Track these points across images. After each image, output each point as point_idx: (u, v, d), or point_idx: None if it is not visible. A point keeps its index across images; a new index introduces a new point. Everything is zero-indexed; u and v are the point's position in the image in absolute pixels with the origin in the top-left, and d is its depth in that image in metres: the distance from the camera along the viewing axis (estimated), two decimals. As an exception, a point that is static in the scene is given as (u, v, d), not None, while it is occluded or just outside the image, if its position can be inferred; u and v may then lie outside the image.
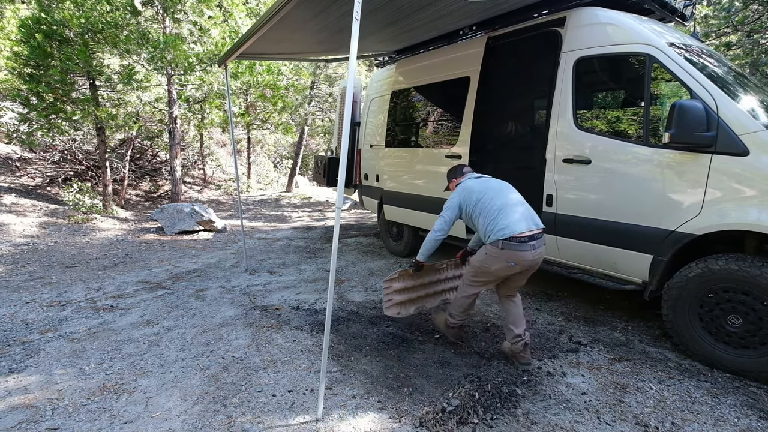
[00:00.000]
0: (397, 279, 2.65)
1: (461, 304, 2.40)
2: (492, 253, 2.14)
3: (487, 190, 2.27)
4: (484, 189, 2.27)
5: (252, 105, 10.48)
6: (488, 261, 2.17)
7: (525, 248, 2.11)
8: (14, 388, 2.12)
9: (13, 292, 3.57)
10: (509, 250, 2.10)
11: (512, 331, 2.30)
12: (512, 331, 2.30)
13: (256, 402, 2.00)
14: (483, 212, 2.20)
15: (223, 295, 3.55)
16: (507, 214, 2.15)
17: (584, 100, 3.08)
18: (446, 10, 3.26)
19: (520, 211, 2.20)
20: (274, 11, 2.59)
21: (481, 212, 2.21)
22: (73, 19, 6.03)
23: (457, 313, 2.43)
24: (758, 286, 2.09)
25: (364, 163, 5.30)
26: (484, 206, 2.20)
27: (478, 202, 2.23)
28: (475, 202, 2.24)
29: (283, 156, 15.86)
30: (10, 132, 7.51)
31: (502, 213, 2.15)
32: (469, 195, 2.28)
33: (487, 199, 2.22)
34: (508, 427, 1.83)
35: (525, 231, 2.11)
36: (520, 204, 2.24)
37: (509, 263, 2.12)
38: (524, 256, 2.11)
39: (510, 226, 2.11)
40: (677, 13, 3.28)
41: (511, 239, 2.09)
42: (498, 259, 2.13)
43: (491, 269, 2.18)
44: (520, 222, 2.14)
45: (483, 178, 2.40)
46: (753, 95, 2.57)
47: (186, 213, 6.34)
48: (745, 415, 1.92)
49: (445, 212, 2.35)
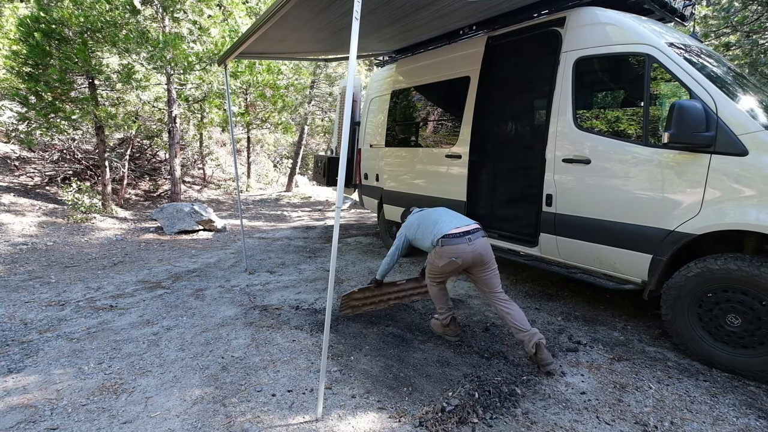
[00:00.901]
0: (357, 292, 2.99)
1: (435, 298, 2.70)
2: (437, 252, 2.49)
3: (422, 217, 2.73)
4: (420, 217, 2.74)
5: (252, 104, 10.47)
6: (436, 260, 2.52)
7: (461, 242, 2.41)
8: (13, 388, 2.11)
9: (11, 291, 3.56)
10: (448, 246, 2.42)
11: (520, 330, 2.31)
12: (520, 332, 2.31)
13: (256, 402, 2.00)
14: (425, 231, 2.61)
15: (222, 295, 3.54)
16: (440, 221, 2.59)
17: (584, 99, 3.09)
18: (446, 10, 3.26)
19: (449, 217, 2.62)
20: (274, 10, 2.59)
21: (423, 231, 2.62)
22: (72, 18, 6.02)
23: (439, 308, 2.69)
24: (757, 286, 2.09)
25: (364, 163, 5.30)
26: (424, 227, 2.64)
27: (419, 228, 2.67)
28: (416, 228, 2.69)
29: (282, 155, 15.85)
30: (9, 131, 7.50)
31: (437, 223, 2.58)
32: (410, 226, 2.76)
33: (424, 221, 2.68)
34: (507, 426, 1.84)
35: (452, 229, 2.45)
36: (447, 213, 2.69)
37: (450, 258, 2.42)
38: (462, 249, 2.40)
39: (443, 228, 2.50)
40: (677, 13, 3.29)
41: (446, 237, 2.43)
42: (441, 256, 2.46)
43: (439, 266, 2.51)
44: (450, 223, 2.54)
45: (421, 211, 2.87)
46: (752, 95, 2.57)
47: (185, 212, 6.33)
48: (744, 415, 1.92)
49: (396, 241, 2.82)
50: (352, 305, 2.98)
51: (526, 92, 4.47)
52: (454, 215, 2.66)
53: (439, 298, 2.68)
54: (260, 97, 9.70)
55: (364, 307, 3.03)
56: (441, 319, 2.69)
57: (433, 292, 2.70)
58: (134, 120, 7.76)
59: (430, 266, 2.66)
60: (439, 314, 2.70)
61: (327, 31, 3.55)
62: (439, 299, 2.68)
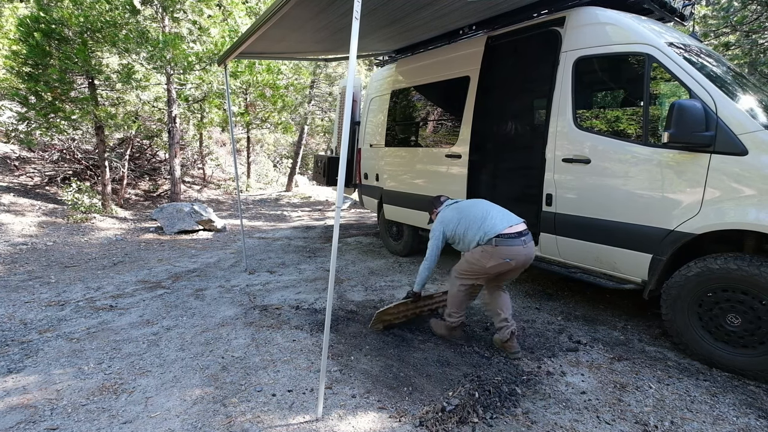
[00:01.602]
0: (391, 308, 2.74)
1: (456, 300, 2.49)
2: (487, 251, 2.28)
3: (462, 209, 2.48)
4: (459, 210, 2.48)
5: (251, 104, 10.47)
6: (483, 258, 2.30)
7: (517, 243, 2.27)
8: (13, 388, 2.11)
9: (11, 291, 3.56)
10: (503, 246, 2.25)
11: (499, 315, 2.39)
12: (499, 315, 2.39)
13: (256, 402, 2.00)
14: (470, 227, 2.37)
15: (222, 295, 3.54)
16: (488, 217, 2.37)
17: (584, 99, 3.09)
18: (446, 10, 3.26)
19: (498, 213, 2.41)
20: (273, 10, 2.59)
21: (468, 227, 2.38)
22: (72, 18, 6.01)
23: (454, 310, 2.50)
24: (757, 286, 2.09)
25: (364, 163, 5.30)
26: (467, 222, 2.39)
27: (459, 223, 2.42)
28: (455, 224, 2.43)
29: (282, 155, 15.85)
30: (9, 131, 7.49)
31: (485, 219, 2.36)
32: (448, 222, 2.48)
33: (467, 215, 2.42)
34: (507, 426, 1.84)
35: (507, 228, 2.29)
36: (492, 207, 2.47)
37: (504, 259, 2.26)
38: (518, 251, 2.26)
39: (496, 225, 2.31)
40: (676, 13, 3.29)
41: (502, 236, 2.25)
42: (493, 256, 2.26)
43: (486, 266, 2.30)
44: (502, 220, 2.35)
45: (456, 203, 2.62)
46: (752, 95, 2.57)
47: (185, 212, 6.33)
48: (744, 414, 1.92)
49: (431, 242, 2.51)
50: (384, 320, 2.74)
51: (525, 92, 4.48)
52: (500, 210, 2.45)
53: (461, 301, 2.48)
54: (260, 97, 9.70)
55: (396, 321, 2.81)
56: (450, 322, 2.53)
57: (456, 294, 2.47)
58: (134, 120, 7.76)
59: (467, 265, 2.39)
60: (450, 316, 2.53)
61: (327, 31, 3.55)
62: (460, 302, 2.48)
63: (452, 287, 2.51)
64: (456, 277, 2.49)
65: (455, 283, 2.49)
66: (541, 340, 2.67)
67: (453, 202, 2.62)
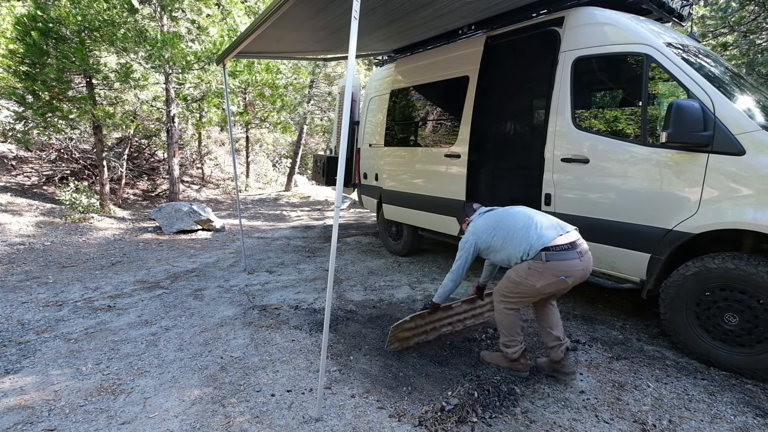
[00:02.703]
0: (409, 321, 2.48)
1: (508, 325, 2.14)
2: (536, 268, 1.93)
3: (499, 217, 2.15)
4: (495, 218, 2.16)
5: (250, 104, 10.45)
6: (532, 276, 1.95)
7: (572, 256, 1.92)
8: (10, 389, 2.11)
9: (9, 292, 3.54)
10: (556, 261, 1.90)
11: (550, 333, 2.12)
12: (550, 333, 2.12)
13: (255, 402, 2.00)
14: (507, 237, 2.05)
15: (221, 295, 3.54)
16: (532, 226, 2.01)
17: (582, 99, 3.09)
18: (445, 10, 3.26)
19: (543, 220, 2.05)
20: (272, 9, 2.58)
21: (508, 239, 2.04)
22: (70, 17, 5.99)
23: (509, 339, 2.15)
24: (754, 285, 2.10)
25: (363, 162, 5.30)
26: (505, 231, 2.07)
27: (495, 233, 2.09)
28: (491, 234, 2.11)
29: (281, 155, 15.82)
30: (6, 130, 7.46)
31: (529, 228, 2.00)
32: (482, 231, 2.16)
33: (505, 224, 2.09)
34: (506, 425, 1.84)
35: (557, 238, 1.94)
36: (537, 214, 2.11)
37: (559, 277, 1.91)
38: (574, 265, 1.92)
39: (543, 236, 1.94)
40: (674, 13, 3.30)
41: (552, 249, 1.91)
42: (544, 275, 1.92)
43: (536, 286, 1.94)
44: (550, 229, 1.98)
45: (491, 210, 2.28)
46: (749, 95, 2.58)
47: (184, 212, 6.32)
48: (742, 413, 1.93)
49: (460, 254, 2.22)
50: (401, 337, 2.48)
51: (524, 92, 4.49)
52: (546, 217, 2.10)
53: (512, 327, 2.13)
54: (259, 97, 9.68)
55: (414, 338, 2.54)
56: (510, 353, 2.16)
57: (505, 319, 2.12)
58: (132, 119, 7.74)
59: (512, 285, 2.05)
60: (507, 346, 2.16)
61: (326, 31, 3.54)
62: (512, 328, 2.13)
63: (498, 313, 2.16)
64: (500, 300, 2.13)
65: (499, 307, 2.14)
66: (540, 340, 2.68)
67: (487, 210, 2.29)
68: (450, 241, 4.15)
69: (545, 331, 2.18)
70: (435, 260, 4.72)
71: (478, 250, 2.18)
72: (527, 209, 2.17)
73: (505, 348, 2.19)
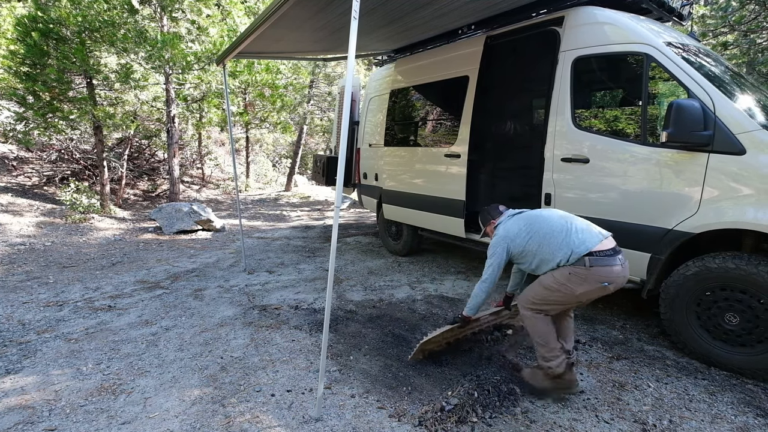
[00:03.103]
0: (437, 336, 2.33)
1: (542, 336, 1.95)
2: (578, 274, 1.82)
3: (533, 220, 2.02)
4: (529, 221, 2.03)
5: (250, 104, 10.46)
6: (573, 282, 1.83)
7: (615, 262, 1.83)
8: (11, 389, 2.11)
9: (9, 292, 3.55)
10: (599, 266, 1.80)
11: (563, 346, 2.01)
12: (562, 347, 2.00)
13: (255, 402, 2.00)
14: (544, 242, 1.92)
15: (221, 295, 3.54)
16: (572, 230, 1.90)
17: (582, 99, 3.09)
18: (445, 9, 3.26)
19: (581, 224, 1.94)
20: (272, 9, 2.58)
21: (540, 243, 1.93)
22: (70, 18, 6.00)
23: (548, 351, 1.94)
24: (755, 285, 2.10)
25: (363, 162, 5.30)
26: (540, 236, 1.94)
27: (531, 237, 1.96)
28: (526, 238, 1.97)
29: (281, 155, 15.83)
30: (7, 131, 7.47)
31: (569, 232, 1.89)
32: (515, 235, 2.02)
33: (540, 228, 1.96)
34: (507, 425, 1.84)
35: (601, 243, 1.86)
36: (574, 219, 1.99)
37: (602, 284, 1.81)
38: (617, 272, 1.83)
39: (585, 240, 1.85)
40: (674, 12, 3.29)
41: (595, 255, 1.81)
42: (587, 280, 1.81)
43: (576, 292, 1.84)
44: (591, 234, 1.89)
45: (522, 213, 2.15)
46: (750, 94, 2.58)
47: (184, 212, 6.32)
48: (742, 413, 1.93)
49: (491, 260, 2.06)
50: (426, 349, 2.38)
51: (524, 92, 4.49)
52: (584, 222, 1.98)
53: (548, 336, 1.94)
54: (259, 97, 9.69)
55: (437, 348, 2.44)
56: (551, 367, 1.93)
57: (539, 329, 1.95)
58: (132, 120, 7.75)
59: (547, 292, 1.91)
60: (547, 360, 1.94)
61: (326, 31, 3.54)
62: (548, 337, 1.94)
63: (530, 323, 1.98)
64: (529, 307, 1.98)
65: (530, 316, 1.97)
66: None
67: (517, 212, 2.15)
68: (450, 241, 4.16)
69: None
70: (435, 260, 4.72)
71: (510, 255, 2.04)
72: (561, 212, 2.05)
73: (545, 362, 1.94)
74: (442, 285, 3.85)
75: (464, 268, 4.40)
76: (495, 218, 2.23)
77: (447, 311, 3.18)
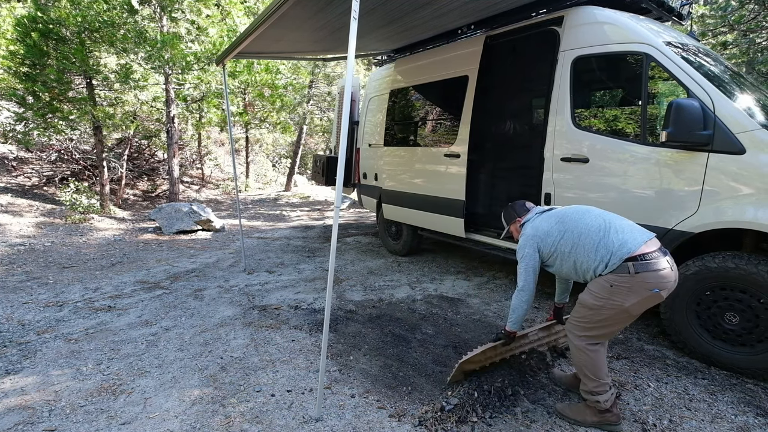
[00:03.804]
0: (479, 354, 2.06)
1: (594, 368, 1.70)
2: (622, 284, 1.56)
3: (565, 218, 1.79)
4: (560, 219, 1.80)
5: (250, 104, 10.46)
6: (618, 293, 1.57)
7: (663, 265, 1.58)
8: (11, 389, 2.11)
9: (9, 292, 3.55)
10: (647, 272, 1.55)
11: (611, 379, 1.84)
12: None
13: (255, 402, 1.99)
14: (578, 243, 1.68)
15: (221, 295, 3.54)
16: (612, 230, 1.65)
17: (582, 98, 3.09)
18: (444, 9, 3.26)
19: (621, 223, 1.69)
20: (272, 10, 2.58)
21: (574, 244, 1.70)
22: (70, 18, 6.00)
23: (597, 385, 1.72)
24: (755, 284, 2.10)
25: (363, 162, 5.30)
26: (574, 236, 1.70)
27: (563, 236, 1.73)
28: (558, 237, 1.75)
29: (281, 155, 15.83)
30: (6, 131, 7.47)
31: (608, 232, 1.64)
32: (545, 235, 1.80)
33: (574, 227, 1.73)
34: (507, 425, 1.84)
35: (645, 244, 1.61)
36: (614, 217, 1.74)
37: (652, 291, 1.55)
38: (667, 276, 1.58)
39: (627, 242, 1.59)
40: (674, 12, 3.30)
41: (639, 258, 1.56)
42: (634, 290, 1.55)
43: (625, 305, 1.57)
44: (634, 234, 1.63)
45: (552, 209, 1.92)
46: (749, 94, 2.58)
47: (184, 212, 6.32)
48: (743, 412, 1.93)
49: (522, 264, 1.85)
50: (467, 369, 2.11)
51: (524, 91, 4.48)
52: (623, 220, 1.73)
53: (599, 367, 1.70)
54: (259, 97, 9.69)
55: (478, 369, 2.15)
56: (599, 401, 1.72)
57: (588, 359, 1.69)
58: (132, 120, 7.75)
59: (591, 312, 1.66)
60: (594, 394, 1.72)
61: (325, 31, 3.54)
62: (599, 368, 1.70)
63: (578, 353, 1.72)
64: (579, 335, 1.72)
65: (579, 344, 1.71)
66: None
67: (546, 210, 1.92)
68: (450, 240, 4.15)
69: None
70: (435, 260, 4.72)
71: (542, 257, 1.82)
72: (597, 209, 1.80)
73: (591, 396, 1.72)
74: (442, 285, 3.85)
75: (464, 268, 4.40)
76: (521, 216, 1.99)
77: (447, 311, 3.18)
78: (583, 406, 1.81)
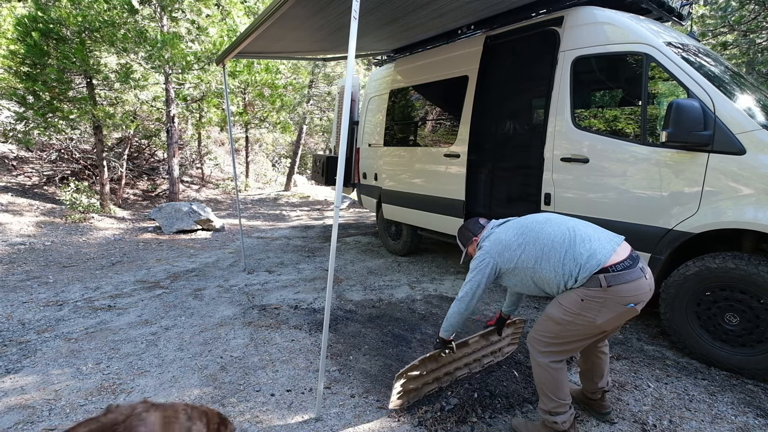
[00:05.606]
0: (417, 367, 1.91)
1: (554, 388, 1.57)
2: (594, 298, 1.43)
3: (526, 228, 1.63)
4: (521, 230, 1.64)
5: (250, 104, 10.46)
6: (589, 310, 1.44)
7: (636, 275, 1.44)
8: (11, 388, 2.11)
9: (9, 292, 3.55)
10: (619, 285, 1.41)
11: (594, 383, 1.78)
12: (594, 384, 1.78)
13: (255, 401, 2.00)
14: (543, 254, 1.53)
15: (221, 295, 3.54)
16: (578, 239, 1.50)
17: (582, 99, 3.09)
18: (444, 9, 3.26)
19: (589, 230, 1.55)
20: (272, 9, 2.58)
21: (538, 256, 1.54)
22: (70, 18, 6.00)
23: (556, 405, 1.58)
24: (755, 285, 2.10)
25: (363, 162, 5.30)
26: (537, 247, 1.55)
27: (524, 248, 1.58)
28: (519, 251, 1.59)
29: (281, 155, 15.83)
30: (7, 131, 7.47)
31: (574, 242, 1.50)
32: (504, 247, 1.64)
33: (536, 237, 1.58)
34: (507, 425, 1.84)
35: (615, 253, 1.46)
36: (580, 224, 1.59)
37: (627, 305, 1.43)
38: (641, 286, 1.45)
39: (597, 253, 1.45)
40: (674, 12, 3.30)
41: (611, 270, 1.43)
42: (607, 305, 1.43)
43: (596, 322, 1.45)
44: (602, 242, 1.49)
45: (510, 220, 1.78)
46: (749, 94, 2.58)
47: (184, 212, 6.32)
48: (743, 413, 1.93)
49: (471, 275, 1.69)
50: (409, 389, 1.92)
51: (524, 91, 4.48)
52: (589, 227, 1.58)
53: (560, 386, 1.57)
54: (258, 97, 9.69)
55: (425, 387, 2.00)
56: (560, 423, 1.58)
57: (549, 377, 1.57)
58: (132, 119, 7.75)
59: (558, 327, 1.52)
60: (552, 414, 1.59)
61: (325, 31, 3.54)
62: (560, 388, 1.58)
63: (540, 370, 1.59)
64: (541, 351, 1.58)
65: (542, 361, 1.57)
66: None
67: (504, 221, 1.78)
68: (450, 240, 4.15)
69: (588, 379, 1.79)
70: (434, 260, 4.72)
71: (498, 272, 1.66)
72: (561, 216, 1.66)
73: (549, 416, 1.60)
74: (442, 285, 3.85)
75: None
76: (477, 234, 1.84)
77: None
78: (540, 425, 1.66)
